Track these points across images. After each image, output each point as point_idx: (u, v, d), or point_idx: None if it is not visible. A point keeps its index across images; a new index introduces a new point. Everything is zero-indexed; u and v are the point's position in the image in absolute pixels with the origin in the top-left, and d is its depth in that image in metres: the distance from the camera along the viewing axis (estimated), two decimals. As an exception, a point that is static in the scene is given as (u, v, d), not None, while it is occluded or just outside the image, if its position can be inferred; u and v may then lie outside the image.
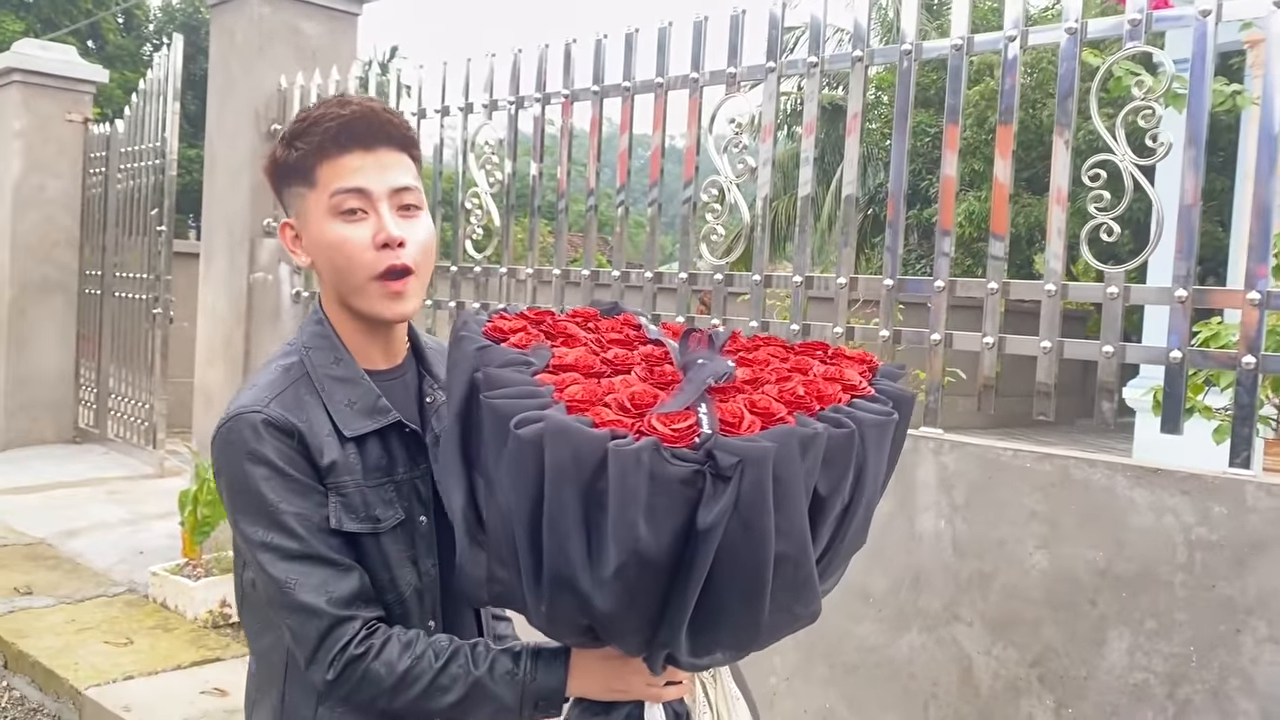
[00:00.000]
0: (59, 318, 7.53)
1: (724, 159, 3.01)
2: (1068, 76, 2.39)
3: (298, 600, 1.23)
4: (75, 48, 18.28)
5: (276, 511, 1.24)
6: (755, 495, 1.01)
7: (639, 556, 1.03)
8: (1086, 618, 2.23)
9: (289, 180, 1.34)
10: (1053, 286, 2.38)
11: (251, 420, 1.26)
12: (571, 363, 1.21)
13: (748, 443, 1.03)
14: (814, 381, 1.21)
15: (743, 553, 1.04)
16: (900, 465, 2.50)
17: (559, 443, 1.03)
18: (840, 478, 1.12)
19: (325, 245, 1.32)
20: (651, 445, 1.02)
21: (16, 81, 7.23)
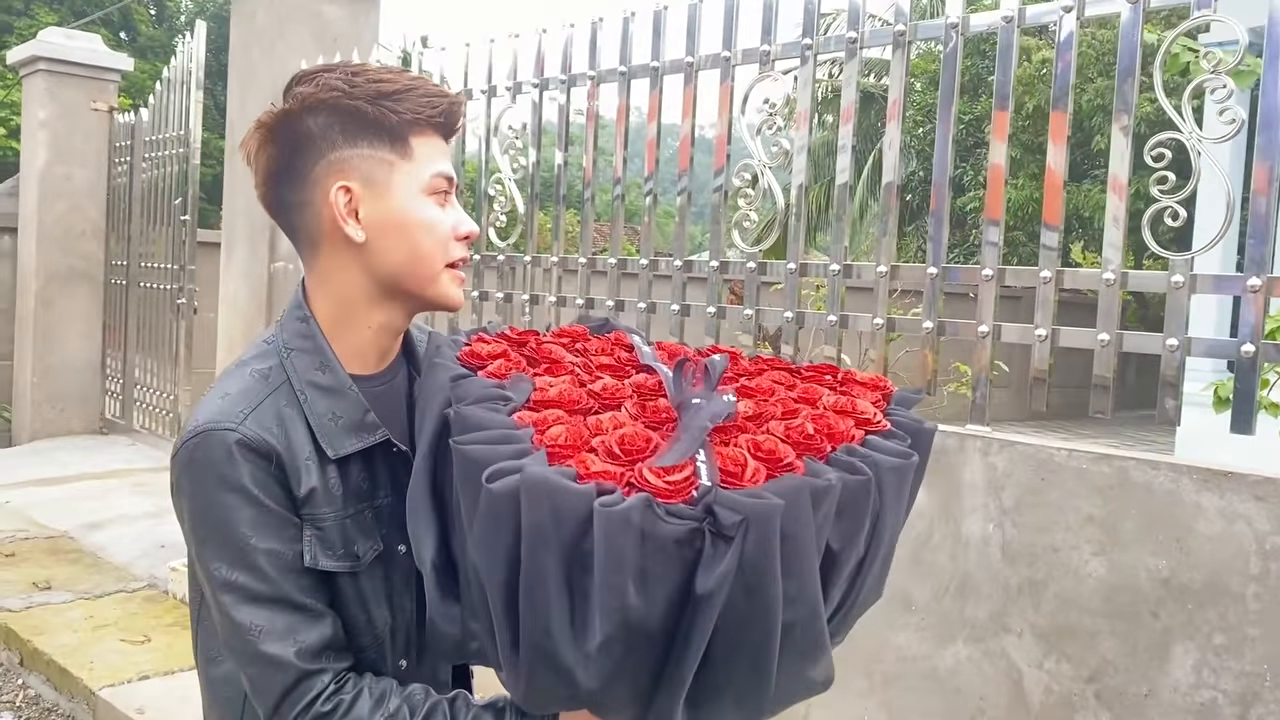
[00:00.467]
0: (85, 309, 7.50)
1: (757, 142, 2.87)
2: (1129, 53, 2.22)
3: (261, 650, 1.09)
4: (107, 38, 18.34)
5: (246, 548, 1.09)
6: (761, 557, 0.88)
7: (629, 627, 0.89)
8: (1148, 630, 2.08)
9: (362, 137, 1.16)
10: (1111, 275, 2.22)
11: (224, 439, 1.10)
12: (555, 397, 1.07)
13: (752, 498, 0.89)
14: (824, 416, 1.07)
15: (747, 620, 0.91)
16: (945, 466, 2.37)
17: (537, 500, 0.89)
18: (855, 530, 0.99)
19: (413, 224, 1.18)
20: (643, 502, 0.88)
21: (42, 70, 7.18)
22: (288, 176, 1.18)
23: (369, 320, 1.22)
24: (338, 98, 1.15)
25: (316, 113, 1.16)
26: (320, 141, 1.16)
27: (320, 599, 1.14)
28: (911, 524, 2.43)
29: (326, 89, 1.15)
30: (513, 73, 3.61)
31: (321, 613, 1.13)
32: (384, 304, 1.21)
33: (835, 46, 2.78)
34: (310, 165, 1.17)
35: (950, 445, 2.38)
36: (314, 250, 1.21)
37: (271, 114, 1.17)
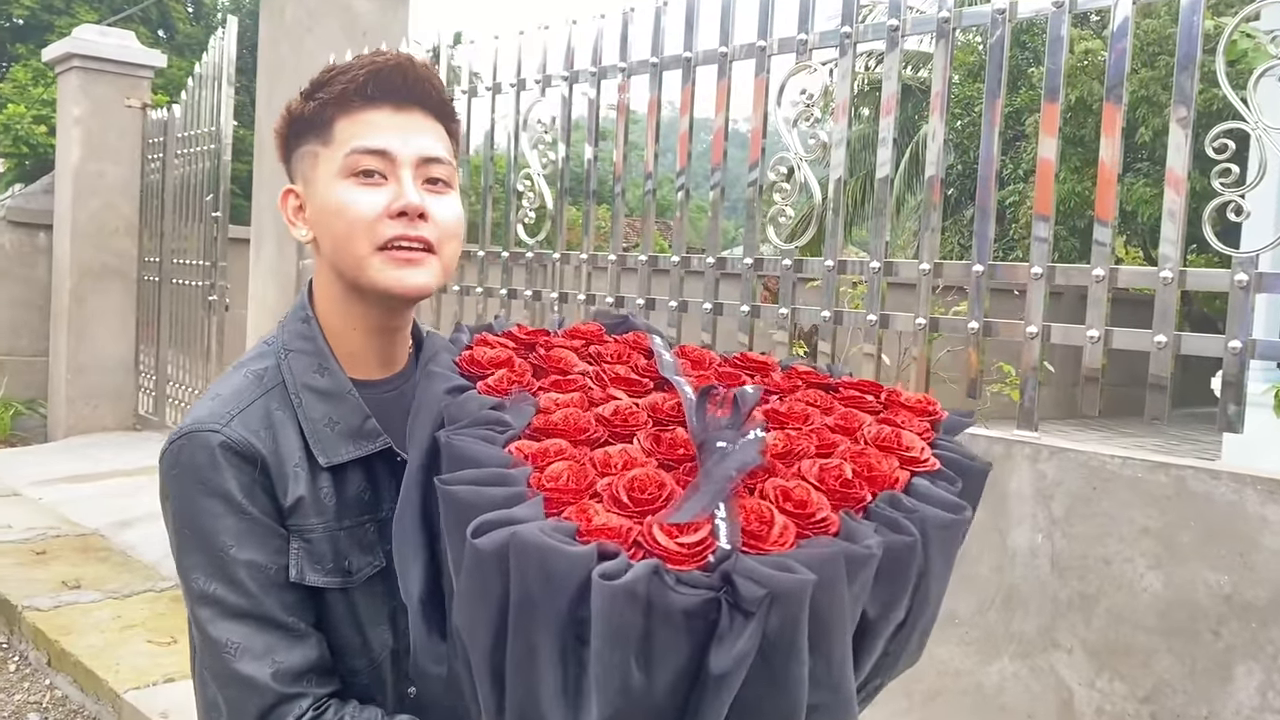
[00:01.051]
0: (118, 305, 7.51)
1: (794, 134, 2.77)
2: (1188, 40, 2.10)
3: (236, 670, 1.02)
4: (145, 36, 18.49)
5: (225, 559, 1.03)
6: (787, 638, 0.76)
7: (630, 706, 0.77)
8: (1209, 649, 1.97)
9: (301, 137, 1.13)
10: (1169, 274, 2.11)
11: (207, 441, 1.04)
12: (559, 423, 0.95)
13: (779, 571, 0.76)
14: (864, 454, 0.94)
15: (765, 706, 0.79)
16: (992, 475, 2.27)
17: (528, 564, 0.78)
18: (896, 595, 0.86)
19: (328, 210, 1.10)
20: (649, 571, 0.76)
21: (76, 67, 7.19)
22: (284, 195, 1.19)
23: (352, 321, 1.16)
24: (291, 104, 1.14)
25: (285, 116, 1.16)
26: (286, 147, 1.17)
27: (304, 617, 1.07)
28: (955, 533, 2.33)
29: (287, 106, 1.15)
30: (542, 66, 3.53)
31: (304, 633, 1.06)
32: (354, 301, 1.14)
33: (875, 34, 2.68)
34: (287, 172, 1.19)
35: (997, 452, 2.27)
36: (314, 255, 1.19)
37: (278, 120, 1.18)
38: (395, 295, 1.10)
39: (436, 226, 1.10)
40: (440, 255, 1.12)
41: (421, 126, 1.11)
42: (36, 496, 5.80)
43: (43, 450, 7.20)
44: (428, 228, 1.09)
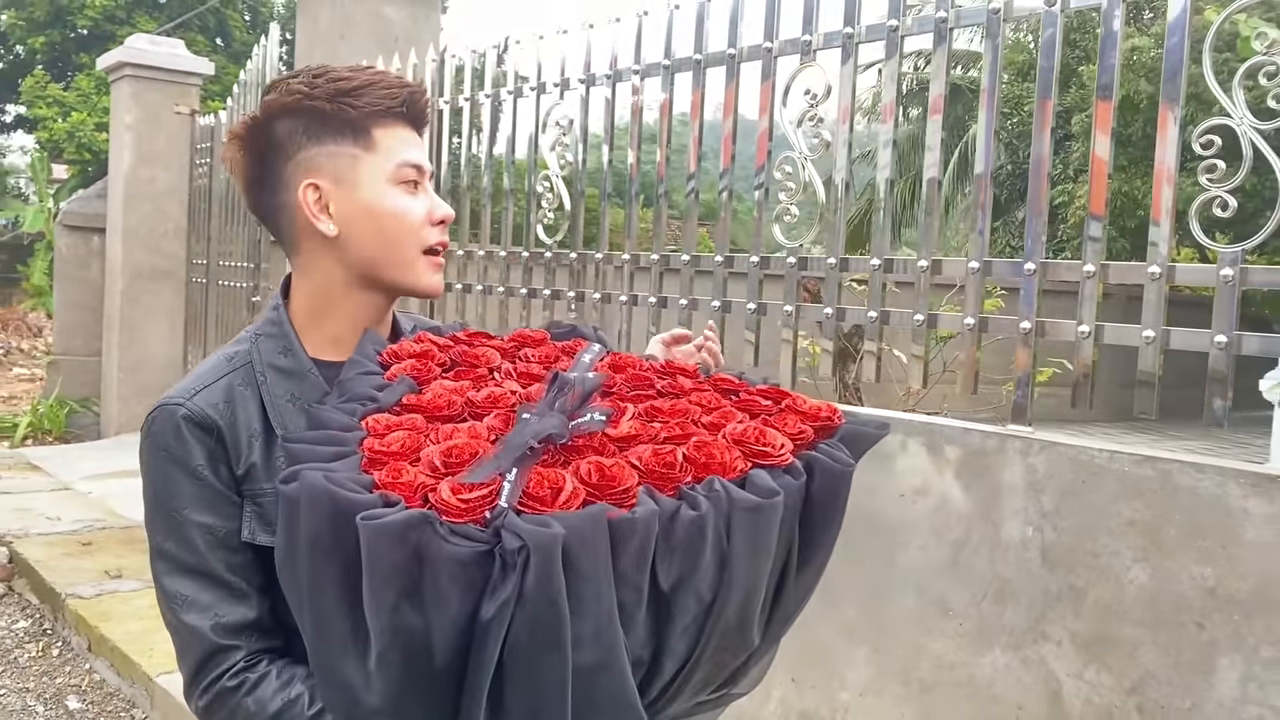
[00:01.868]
0: (168, 306, 7.73)
1: (798, 134, 2.80)
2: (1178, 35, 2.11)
3: (183, 620, 1.13)
4: (202, 44, 18.88)
5: (180, 520, 1.14)
6: (542, 589, 0.81)
7: (406, 648, 0.84)
8: (1192, 641, 1.98)
9: (327, 135, 1.20)
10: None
11: (172, 414, 1.15)
12: (424, 403, 1.04)
13: (535, 524, 0.83)
14: (707, 445, 0.97)
15: (531, 657, 0.84)
16: (984, 466, 2.29)
17: (314, 509, 0.86)
18: (690, 569, 0.90)
19: (382, 213, 1.21)
20: (417, 518, 0.83)
21: (128, 76, 7.42)
22: (264, 182, 1.23)
23: (346, 309, 1.25)
24: (299, 100, 1.19)
25: (282, 117, 1.20)
26: (288, 145, 1.21)
27: (248, 579, 1.16)
28: (949, 526, 2.36)
29: (290, 93, 1.20)
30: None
31: (245, 593, 1.15)
32: (362, 292, 1.25)
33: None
34: (281, 169, 1.22)
35: (990, 446, 2.30)
36: (295, 248, 1.26)
37: (243, 123, 1.23)
38: (429, 294, 1.26)
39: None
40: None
41: (423, 144, 1.27)
42: (86, 490, 6.01)
43: (95, 446, 7.43)
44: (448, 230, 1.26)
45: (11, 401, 9.67)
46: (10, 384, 11.10)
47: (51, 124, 17.58)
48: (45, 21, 18.94)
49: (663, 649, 0.93)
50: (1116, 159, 10.68)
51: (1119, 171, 10.64)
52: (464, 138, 4.10)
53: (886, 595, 2.48)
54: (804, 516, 1.00)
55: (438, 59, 4.27)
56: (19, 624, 4.27)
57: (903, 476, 2.46)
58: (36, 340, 14.31)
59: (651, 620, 0.91)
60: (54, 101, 17.94)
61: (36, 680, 3.77)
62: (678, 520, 0.89)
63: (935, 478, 2.39)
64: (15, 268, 19.35)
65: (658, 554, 0.89)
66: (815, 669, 2.62)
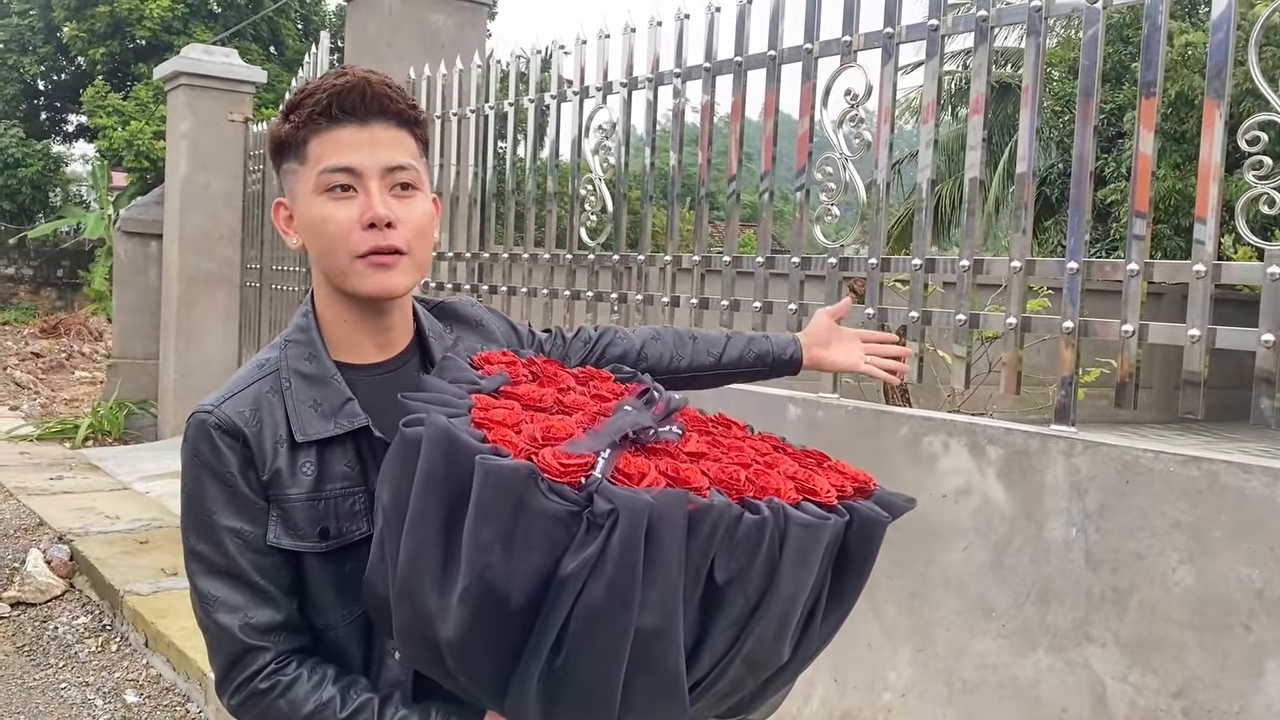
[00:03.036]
0: (223, 310, 7.87)
1: (839, 135, 2.80)
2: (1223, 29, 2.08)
3: (215, 619, 1.18)
4: (256, 53, 19.16)
5: (212, 523, 1.18)
6: (623, 552, 0.90)
7: (489, 586, 0.93)
8: (1240, 644, 1.95)
9: (283, 155, 1.26)
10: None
11: (203, 420, 1.20)
12: (520, 393, 1.12)
13: (628, 493, 0.92)
14: (765, 473, 1.06)
15: (601, 613, 0.92)
16: (1028, 467, 2.28)
17: (434, 446, 0.96)
18: (745, 569, 0.98)
19: (309, 224, 1.23)
20: (526, 469, 0.92)
21: (184, 85, 7.58)
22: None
23: (342, 314, 1.27)
24: (276, 123, 1.26)
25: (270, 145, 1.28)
26: (275, 163, 1.29)
27: (278, 581, 1.19)
28: (992, 527, 2.35)
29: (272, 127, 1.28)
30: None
31: (273, 595, 1.19)
32: (342, 299, 1.26)
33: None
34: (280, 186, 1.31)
35: (1033, 446, 2.29)
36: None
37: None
38: (373, 298, 1.23)
39: (406, 229, 1.21)
40: (412, 255, 1.23)
41: (384, 138, 1.21)
42: (144, 490, 6.14)
43: (152, 447, 7.60)
44: (396, 234, 1.20)
45: (73, 404, 9.91)
46: (72, 386, 11.37)
47: (111, 133, 18.00)
48: (105, 33, 19.39)
49: (705, 639, 0.99)
50: (1170, 156, 10.51)
51: (1173, 169, 10.45)
52: (509, 142, 4.14)
53: (929, 596, 2.47)
54: (838, 561, 1.07)
55: (483, 65, 4.32)
56: (79, 620, 4.38)
57: (945, 477, 2.45)
58: (97, 344, 14.64)
59: (702, 610, 0.98)
60: (114, 111, 18.38)
61: (96, 674, 3.88)
62: (742, 521, 0.97)
63: (978, 478, 2.38)
64: (77, 273, 19.84)
65: (720, 548, 0.96)
66: (858, 669, 2.61)
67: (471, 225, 4.38)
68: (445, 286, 4.52)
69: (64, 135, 24.14)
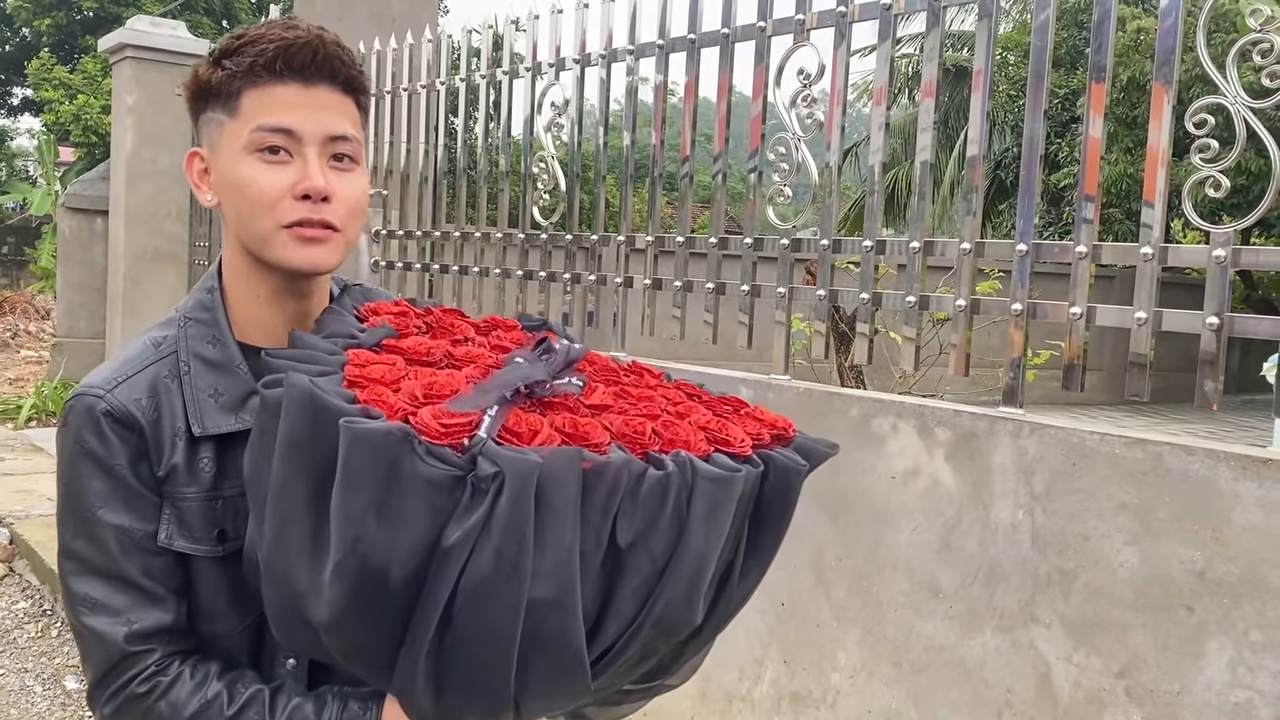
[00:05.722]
0: (171, 288, 7.71)
1: (792, 115, 2.78)
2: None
3: (89, 624, 1.06)
4: (209, 27, 18.79)
5: (93, 519, 1.06)
6: (511, 517, 0.83)
7: (364, 560, 0.84)
8: (1181, 625, 1.97)
9: (207, 103, 1.12)
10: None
11: (90, 405, 1.07)
12: (405, 346, 1.03)
13: (515, 454, 0.84)
14: (675, 425, 0.99)
15: (489, 586, 0.84)
16: (975, 449, 2.27)
17: (297, 409, 0.86)
18: (648, 529, 0.91)
19: (233, 184, 1.10)
20: (399, 431, 0.83)
21: (129, 57, 7.41)
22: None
23: (256, 289, 1.16)
24: (204, 66, 1.13)
25: (192, 78, 1.14)
26: (194, 110, 1.16)
27: (165, 582, 1.09)
28: (940, 508, 2.35)
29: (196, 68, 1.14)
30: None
31: (161, 597, 1.09)
32: (259, 271, 1.15)
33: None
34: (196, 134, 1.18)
35: (981, 428, 2.29)
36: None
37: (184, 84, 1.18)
38: (299, 271, 1.13)
39: (341, 205, 1.11)
40: (344, 233, 1.12)
41: (329, 103, 1.11)
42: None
43: (99, 429, 7.45)
44: (330, 209, 1.10)
45: (19, 384, 9.71)
46: (17, 366, 11.14)
47: (58, 107, 17.60)
48: (51, 4, 18.94)
49: (609, 607, 0.92)
50: (1123, 141, 10.62)
51: (1125, 154, 10.57)
52: (460, 119, 4.08)
53: (878, 577, 2.47)
54: (755, 513, 1.01)
55: (434, 40, 4.24)
56: (19, 605, 4.29)
57: (894, 459, 2.45)
58: (44, 323, 14.35)
59: (605, 575, 0.91)
60: (60, 84, 17.96)
61: (35, 660, 3.80)
62: (644, 479, 0.90)
63: (926, 460, 2.38)
64: (23, 250, 19.41)
65: (621, 508, 0.90)
66: (807, 650, 2.61)
67: (423, 203, 4.31)
68: (395, 265, 4.45)
69: (9, 109, 23.60)
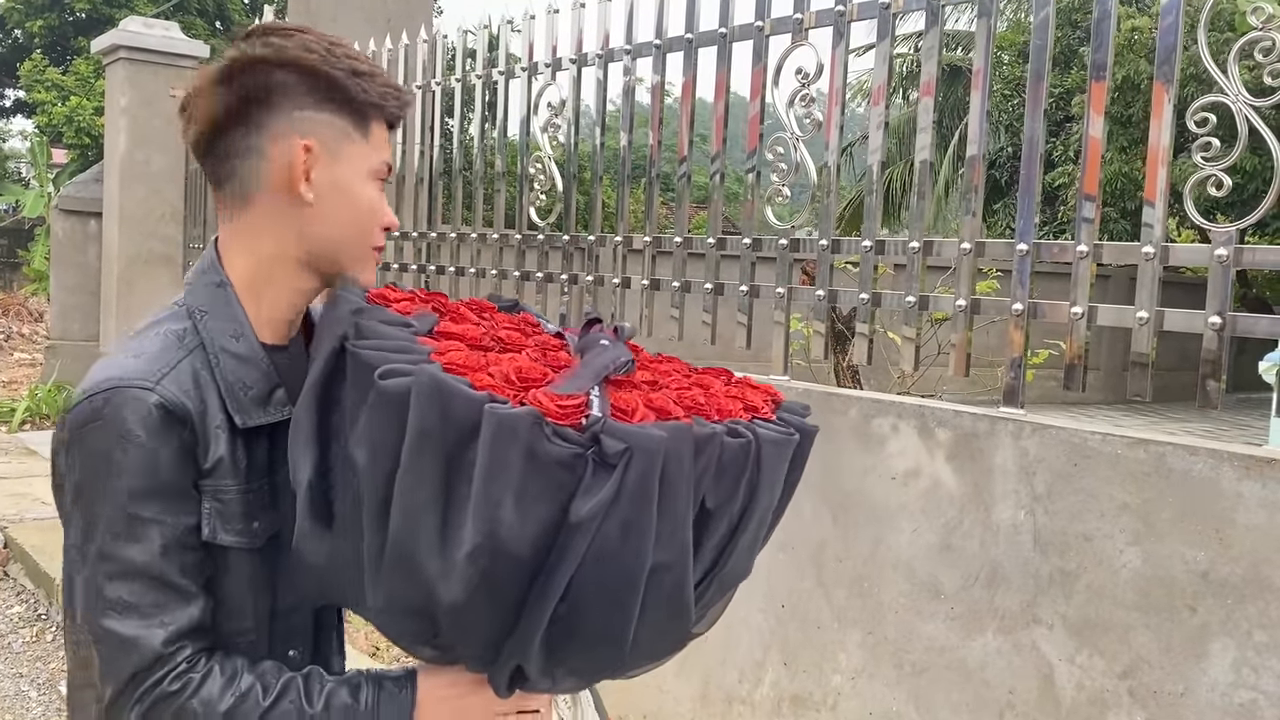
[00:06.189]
0: (165, 290, 7.68)
1: (790, 115, 2.76)
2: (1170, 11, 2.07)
3: (120, 628, 1.03)
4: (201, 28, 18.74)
5: (138, 518, 1.04)
6: (639, 490, 0.89)
7: (498, 542, 0.88)
8: (1184, 626, 1.96)
9: (330, 107, 1.15)
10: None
11: (139, 398, 1.04)
12: (458, 331, 1.06)
13: (640, 430, 0.90)
14: (715, 395, 1.09)
15: (616, 555, 0.90)
16: (976, 449, 2.27)
17: (427, 400, 0.88)
18: (731, 493, 0.99)
19: (355, 202, 1.18)
20: (531, 415, 0.88)
21: (122, 59, 7.38)
22: (241, 122, 1.14)
23: (293, 283, 1.19)
24: (317, 61, 1.14)
25: (290, 69, 1.13)
26: (288, 96, 1.13)
27: (197, 580, 1.08)
28: (941, 509, 2.34)
29: (306, 50, 1.14)
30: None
31: (194, 594, 1.08)
32: (306, 271, 1.18)
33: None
34: (270, 117, 1.13)
35: (981, 429, 2.28)
36: (245, 204, 1.16)
37: (239, 58, 1.13)
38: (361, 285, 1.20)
39: None
40: None
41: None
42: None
43: (93, 431, 7.41)
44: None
45: (12, 386, 9.67)
46: (11, 369, 11.09)
47: (50, 108, 17.54)
48: (43, 5, 18.87)
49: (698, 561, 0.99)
50: (1118, 140, 10.63)
51: (1120, 153, 10.58)
52: (456, 119, 4.06)
53: (878, 578, 2.46)
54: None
55: (429, 40, 4.23)
56: (13, 609, 4.27)
57: (894, 459, 2.44)
58: (37, 325, 14.29)
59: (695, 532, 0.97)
60: (52, 86, 17.89)
61: (30, 665, 3.77)
62: (729, 446, 0.98)
63: (927, 460, 2.37)
64: (16, 253, 19.34)
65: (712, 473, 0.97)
66: (808, 652, 2.60)
67: (419, 204, 4.29)
68: (392, 267, 4.44)
69: (1, 111, 23.51)
